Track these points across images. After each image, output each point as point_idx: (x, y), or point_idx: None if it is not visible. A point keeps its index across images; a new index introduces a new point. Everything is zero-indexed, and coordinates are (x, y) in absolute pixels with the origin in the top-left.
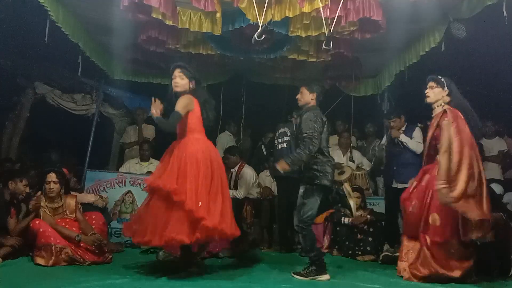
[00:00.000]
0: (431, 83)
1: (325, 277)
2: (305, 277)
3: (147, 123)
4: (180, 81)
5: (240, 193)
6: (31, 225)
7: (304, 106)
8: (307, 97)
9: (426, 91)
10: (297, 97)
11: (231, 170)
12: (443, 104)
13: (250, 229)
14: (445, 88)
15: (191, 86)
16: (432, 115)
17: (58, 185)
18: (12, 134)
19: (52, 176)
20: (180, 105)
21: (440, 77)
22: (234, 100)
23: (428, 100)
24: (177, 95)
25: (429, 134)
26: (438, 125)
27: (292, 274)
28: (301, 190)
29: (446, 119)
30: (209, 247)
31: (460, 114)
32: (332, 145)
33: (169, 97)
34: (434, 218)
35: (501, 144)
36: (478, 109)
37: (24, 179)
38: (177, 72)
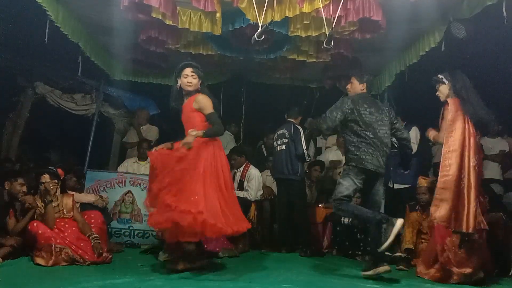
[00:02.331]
0: (436, 85)
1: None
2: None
3: (151, 124)
4: (193, 80)
5: (251, 194)
6: (29, 227)
7: None
8: (355, 85)
9: (437, 92)
10: (347, 87)
11: (235, 170)
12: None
13: (255, 233)
14: (446, 83)
15: (200, 85)
16: None
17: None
18: (12, 134)
19: (45, 177)
20: (208, 106)
21: (438, 75)
22: (234, 100)
23: (441, 99)
24: (187, 94)
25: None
26: (442, 117)
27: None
28: (341, 170)
29: (445, 109)
30: (209, 247)
31: (458, 103)
32: (332, 144)
33: (174, 96)
34: None
35: (503, 144)
36: None
37: (20, 179)
38: (189, 71)
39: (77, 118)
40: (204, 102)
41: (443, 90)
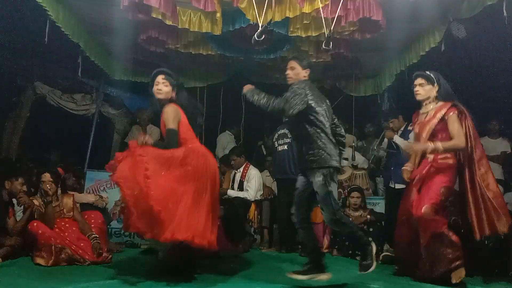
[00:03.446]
0: (421, 80)
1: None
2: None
3: (154, 124)
4: (163, 88)
5: (250, 195)
6: (29, 227)
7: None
8: (297, 71)
9: (416, 88)
10: (286, 73)
11: (235, 171)
12: (434, 99)
13: (255, 233)
14: (435, 84)
15: (173, 93)
16: (422, 112)
17: (54, 185)
18: (12, 134)
19: (47, 176)
20: (170, 120)
21: (429, 73)
22: (234, 100)
23: (419, 97)
24: (162, 103)
25: (427, 128)
26: (443, 119)
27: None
28: (319, 178)
29: (453, 112)
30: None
31: (466, 111)
32: None
33: (153, 104)
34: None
35: (505, 145)
36: (479, 109)
37: (20, 178)
38: (161, 79)
39: (77, 118)
40: (168, 114)
41: (429, 90)
